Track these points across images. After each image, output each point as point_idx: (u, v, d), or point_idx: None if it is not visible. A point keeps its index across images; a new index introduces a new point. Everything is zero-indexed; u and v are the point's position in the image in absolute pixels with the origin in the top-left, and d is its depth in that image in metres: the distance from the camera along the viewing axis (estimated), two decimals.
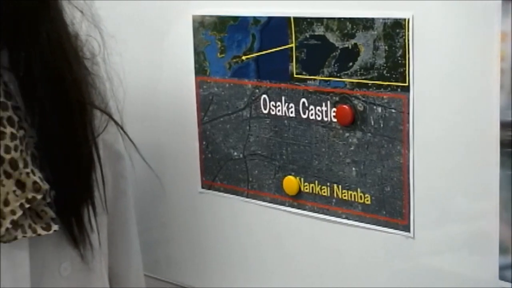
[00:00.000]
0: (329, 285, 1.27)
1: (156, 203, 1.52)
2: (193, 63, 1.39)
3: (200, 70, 1.38)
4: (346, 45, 1.16)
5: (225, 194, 1.40)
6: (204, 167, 1.42)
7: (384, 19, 1.10)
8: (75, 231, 1.20)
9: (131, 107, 1.32)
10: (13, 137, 1.12)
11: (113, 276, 1.32)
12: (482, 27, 1.00)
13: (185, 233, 1.50)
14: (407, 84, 1.09)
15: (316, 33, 1.19)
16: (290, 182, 1.28)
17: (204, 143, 1.41)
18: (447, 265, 1.11)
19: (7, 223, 1.11)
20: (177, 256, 1.52)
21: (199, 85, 1.39)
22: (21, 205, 1.11)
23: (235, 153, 1.36)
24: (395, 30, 1.09)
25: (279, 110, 1.28)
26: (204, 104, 1.39)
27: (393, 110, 1.12)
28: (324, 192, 1.24)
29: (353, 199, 1.20)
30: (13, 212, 1.11)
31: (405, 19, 1.08)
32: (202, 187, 1.44)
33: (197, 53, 1.38)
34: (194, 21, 1.37)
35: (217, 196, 1.42)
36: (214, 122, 1.39)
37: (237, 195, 1.38)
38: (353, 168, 1.19)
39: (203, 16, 1.35)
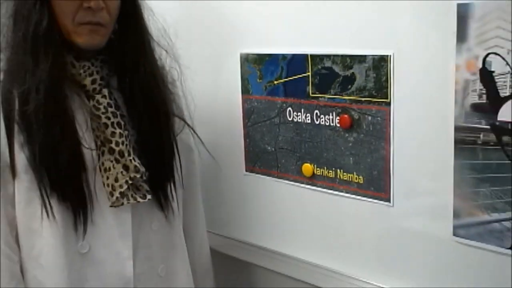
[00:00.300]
0: (333, 239, 1.25)
1: (214, 181, 1.49)
2: (240, 86, 1.36)
3: (245, 90, 1.36)
4: (346, 73, 1.13)
5: (262, 176, 1.37)
6: (247, 157, 1.39)
7: (373, 55, 1.08)
8: (162, 200, 1.20)
9: (199, 116, 1.31)
10: (120, 135, 1.13)
11: (185, 231, 1.30)
12: (442, 61, 0.98)
13: (234, 202, 1.47)
14: (389, 100, 1.07)
15: (325, 65, 1.17)
16: (307, 168, 1.25)
17: (247, 140, 1.38)
18: (417, 225, 1.09)
19: (117, 194, 1.11)
20: (229, 217, 1.49)
21: (244, 101, 1.36)
22: (126, 182, 1.12)
23: (269, 148, 1.33)
24: (381, 63, 1.07)
25: (299, 118, 1.25)
26: (247, 113, 1.36)
27: (379, 118, 1.10)
28: (330, 174, 1.21)
29: (350, 179, 1.18)
30: (121, 186, 1.11)
31: (388, 55, 1.06)
32: (246, 171, 1.41)
33: (243, 79, 1.35)
34: (241, 57, 1.34)
35: (256, 177, 1.39)
36: (254, 126, 1.36)
37: (270, 176, 1.35)
38: (351, 158, 1.16)
39: (248, 54, 1.33)
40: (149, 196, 1.15)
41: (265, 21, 1.28)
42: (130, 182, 1.12)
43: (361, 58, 1.10)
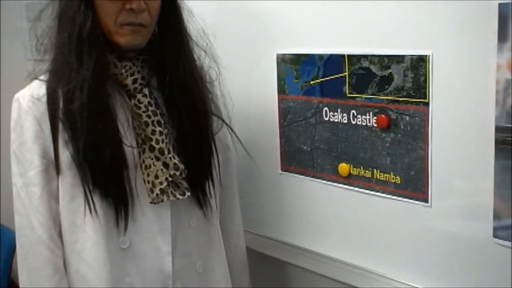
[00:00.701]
0: (369, 239, 1.24)
1: (250, 180, 1.49)
2: (276, 86, 1.37)
3: (281, 90, 1.36)
4: (384, 74, 1.13)
5: (297, 175, 1.37)
6: (283, 156, 1.40)
7: (411, 55, 1.08)
8: (200, 197, 1.22)
9: (237, 115, 1.33)
10: (160, 133, 1.15)
11: (222, 228, 1.32)
12: (482, 61, 0.97)
13: (269, 201, 1.47)
14: (427, 100, 1.07)
15: (363, 65, 1.17)
16: (343, 167, 1.25)
17: (283, 140, 1.39)
18: (455, 226, 1.08)
19: (157, 190, 1.14)
20: (264, 216, 1.50)
21: (280, 101, 1.37)
22: (166, 179, 1.14)
23: (305, 147, 1.33)
24: (419, 63, 1.06)
25: (336, 118, 1.25)
26: (283, 113, 1.37)
27: (417, 119, 1.09)
28: (367, 174, 1.21)
29: (387, 179, 1.17)
30: (161, 183, 1.13)
31: (426, 56, 1.05)
32: (282, 170, 1.41)
33: (279, 79, 1.36)
34: (277, 58, 1.35)
35: (291, 177, 1.39)
36: (290, 126, 1.36)
37: (305, 176, 1.35)
38: (388, 158, 1.16)
39: (284, 54, 1.33)
40: (188, 193, 1.17)
41: (302, 22, 1.28)
42: (169, 179, 1.14)
43: (399, 58, 1.09)
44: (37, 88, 1.15)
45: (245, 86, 1.44)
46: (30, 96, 1.15)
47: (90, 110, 1.08)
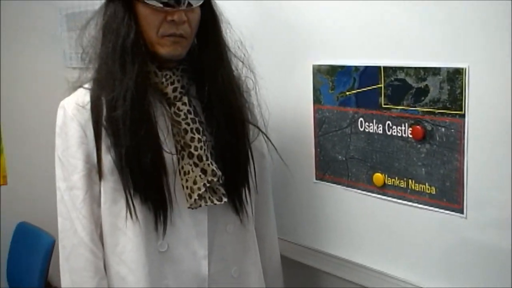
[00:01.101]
0: (402, 248, 1.25)
1: (285, 188, 1.51)
2: (312, 96, 1.39)
3: (316, 100, 1.38)
4: (420, 85, 1.15)
5: (332, 184, 1.39)
6: (318, 165, 1.42)
7: (447, 68, 1.09)
8: (237, 203, 1.25)
9: (272, 124, 1.36)
10: (199, 140, 1.19)
11: (257, 235, 1.34)
12: None
13: (303, 209, 1.49)
14: (463, 112, 1.08)
15: (398, 77, 1.18)
16: (378, 177, 1.26)
17: (318, 149, 1.41)
18: (490, 238, 1.08)
19: (195, 196, 1.18)
20: (298, 223, 1.51)
21: (316, 111, 1.39)
22: (204, 185, 1.18)
23: (339, 157, 1.35)
24: (455, 75, 1.08)
25: (371, 129, 1.26)
26: (319, 123, 1.39)
27: (453, 130, 1.10)
28: (402, 184, 1.22)
29: (422, 189, 1.18)
30: (199, 189, 1.18)
31: (463, 68, 1.07)
32: (316, 179, 1.43)
33: (315, 89, 1.38)
34: (313, 68, 1.37)
35: (326, 185, 1.41)
36: (326, 136, 1.38)
37: (340, 185, 1.37)
38: (423, 169, 1.17)
39: (320, 65, 1.36)
40: (225, 199, 1.21)
41: (338, 33, 1.31)
42: (207, 185, 1.18)
43: (435, 71, 1.11)
44: (82, 96, 1.21)
45: (281, 96, 1.47)
46: (75, 104, 1.20)
47: (133, 118, 1.13)
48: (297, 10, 1.39)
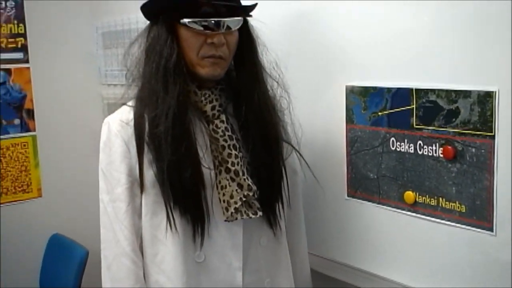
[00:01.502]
0: (433, 265, 1.28)
1: (317, 203, 1.55)
2: (344, 115, 1.44)
3: (349, 120, 1.43)
4: (451, 107, 1.20)
5: (363, 201, 1.43)
6: (350, 182, 1.46)
7: (478, 91, 1.14)
8: (271, 217, 1.32)
9: (306, 141, 1.43)
10: (236, 156, 1.26)
11: (288, 248, 1.40)
12: None
13: (335, 225, 1.53)
14: (493, 133, 1.12)
15: (430, 99, 1.23)
16: (409, 195, 1.30)
17: (350, 167, 1.45)
18: None
19: (231, 209, 1.24)
20: (329, 239, 1.55)
21: (348, 130, 1.44)
22: (240, 199, 1.24)
23: (371, 175, 1.40)
24: (486, 98, 1.13)
25: (402, 148, 1.31)
26: (351, 142, 1.44)
27: (483, 151, 1.15)
28: (432, 202, 1.26)
29: (453, 208, 1.22)
30: (235, 203, 1.24)
31: (493, 91, 1.11)
32: (348, 196, 1.47)
33: (347, 109, 1.43)
34: (346, 89, 1.43)
35: (357, 202, 1.45)
36: (357, 154, 1.43)
37: (371, 202, 1.41)
38: (453, 188, 1.21)
39: (353, 86, 1.41)
40: (260, 213, 1.27)
41: (371, 55, 1.37)
42: (243, 199, 1.24)
43: (466, 93, 1.16)
44: (126, 114, 1.29)
45: (314, 115, 1.52)
46: (119, 120, 1.29)
47: (174, 134, 1.21)
48: (330, 32, 1.45)
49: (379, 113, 1.35)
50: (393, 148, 1.33)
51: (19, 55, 2.64)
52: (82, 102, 2.81)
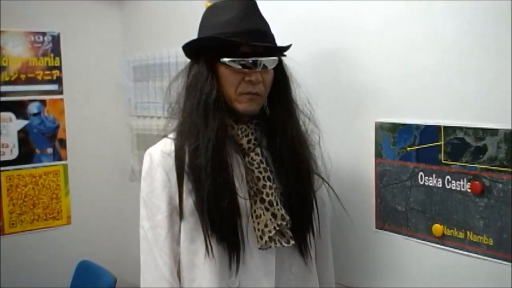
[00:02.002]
0: None
1: (346, 234, 1.60)
2: (374, 150, 1.51)
3: (378, 154, 1.50)
4: (478, 144, 1.26)
5: (391, 233, 1.48)
6: (378, 215, 1.51)
7: (505, 129, 1.20)
8: (302, 246, 1.37)
9: (335, 174, 1.49)
10: (270, 187, 1.33)
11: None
12: None
13: (363, 256, 1.58)
14: None
15: (458, 136, 1.30)
16: (437, 228, 1.35)
17: (378, 200, 1.51)
18: None
19: (266, 238, 1.30)
20: (357, 269, 1.59)
21: (377, 164, 1.50)
22: (274, 228, 1.30)
23: (399, 207, 1.45)
24: None
25: (431, 182, 1.36)
26: (380, 176, 1.50)
27: (510, 186, 1.20)
28: (460, 235, 1.31)
29: (480, 241, 1.27)
30: (269, 231, 1.30)
31: None
32: (376, 228, 1.52)
33: (377, 144, 1.50)
34: (376, 125, 1.49)
35: (385, 234, 1.50)
36: (386, 188, 1.48)
37: (400, 234, 1.46)
38: (481, 221, 1.26)
39: (382, 123, 1.48)
40: (292, 242, 1.32)
41: (400, 93, 1.44)
42: (277, 228, 1.30)
43: (493, 132, 1.22)
44: (167, 145, 1.37)
45: (344, 149, 1.59)
46: (161, 151, 1.36)
47: (213, 166, 1.28)
48: (360, 70, 1.53)
49: (408, 149, 1.42)
50: (422, 182, 1.39)
51: (54, 87, 2.77)
52: (112, 133, 2.91)
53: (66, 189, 2.79)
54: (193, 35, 1.39)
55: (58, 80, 2.77)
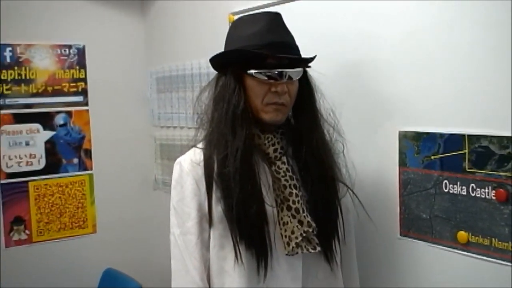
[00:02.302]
0: None
1: (370, 242, 1.62)
2: (397, 159, 1.53)
3: (402, 163, 1.52)
4: (503, 152, 1.27)
5: (415, 240, 1.50)
6: (402, 222, 1.53)
7: None
8: (328, 253, 1.40)
9: (360, 182, 1.52)
10: (296, 195, 1.36)
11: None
12: None
13: (387, 262, 1.59)
14: None
15: (482, 144, 1.32)
16: (462, 235, 1.37)
17: (403, 207, 1.53)
18: None
19: (293, 244, 1.33)
20: (381, 276, 1.61)
21: (401, 172, 1.52)
22: (301, 234, 1.33)
23: (424, 215, 1.47)
24: None
25: (455, 190, 1.38)
26: (404, 184, 1.52)
27: None
28: (485, 242, 1.33)
29: (505, 248, 1.28)
30: (296, 238, 1.33)
31: None
32: (400, 235, 1.54)
33: (400, 152, 1.52)
34: (399, 134, 1.52)
35: (410, 242, 1.52)
36: (410, 195, 1.50)
37: (424, 241, 1.48)
38: (506, 228, 1.28)
39: (406, 131, 1.50)
40: (318, 248, 1.36)
41: (423, 102, 1.46)
42: (303, 234, 1.33)
43: None
44: (196, 155, 1.42)
45: (368, 158, 1.62)
46: (190, 161, 1.41)
47: (241, 174, 1.32)
48: (383, 80, 1.56)
49: (432, 157, 1.44)
50: (446, 190, 1.41)
51: (79, 99, 2.85)
52: (136, 143, 2.98)
53: (92, 198, 2.85)
54: (215, 47, 1.44)
55: (84, 92, 2.85)
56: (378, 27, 1.57)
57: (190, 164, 1.40)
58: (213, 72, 1.45)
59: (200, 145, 1.43)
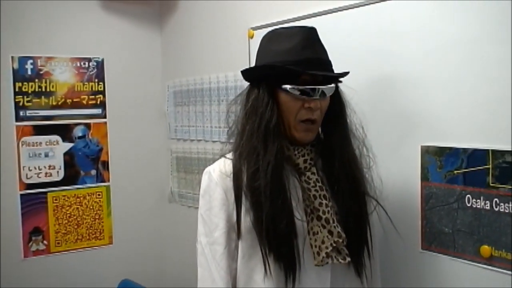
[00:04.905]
0: None
1: (392, 255, 1.65)
2: (420, 173, 1.56)
3: (424, 178, 1.55)
4: None
5: (438, 254, 1.52)
6: (424, 236, 1.56)
7: None
8: (357, 265, 1.42)
9: (381, 196, 1.54)
10: (326, 206, 1.38)
11: None
12: None
13: (409, 276, 1.62)
14: None
15: (506, 160, 1.35)
16: (485, 249, 1.39)
17: (424, 221, 1.56)
18: None
19: (323, 254, 1.35)
20: (404, 286, 1.65)
21: (423, 187, 1.55)
22: (331, 244, 1.35)
23: (446, 229, 1.50)
24: None
25: (478, 205, 1.41)
26: (426, 198, 1.55)
27: None
28: (509, 257, 1.35)
29: None
30: (326, 248, 1.35)
31: None
32: (422, 249, 1.57)
33: (423, 167, 1.55)
34: (422, 149, 1.55)
35: (431, 256, 1.54)
36: (432, 210, 1.53)
37: (446, 255, 1.50)
38: None
39: (428, 146, 1.53)
40: (348, 259, 1.37)
41: (446, 117, 1.49)
42: (333, 245, 1.35)
43: None
44: (226, 165, 1.44)
45: (390, 172, 1.64)
46: (219, 171, 1.43)
47: (272, 188, 1.34)
48: (406, 96, 1.60)
49: (455, 172, 1.47)
50: (469, 205, 1.44)
51: (97, 111, 2.89)
52: (152, 156, 3.02)
53: (108, 210, 2.89)
54: (234, 61, 1.44)
55: (102, 105, 2.89)
56: (402, 45, 1.61)
57: (219, 175, 1.42)
58: (231, 86, 1.46)
59: (229, 155, 1.45)
